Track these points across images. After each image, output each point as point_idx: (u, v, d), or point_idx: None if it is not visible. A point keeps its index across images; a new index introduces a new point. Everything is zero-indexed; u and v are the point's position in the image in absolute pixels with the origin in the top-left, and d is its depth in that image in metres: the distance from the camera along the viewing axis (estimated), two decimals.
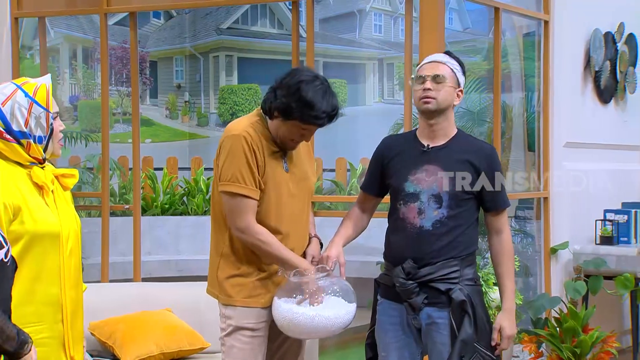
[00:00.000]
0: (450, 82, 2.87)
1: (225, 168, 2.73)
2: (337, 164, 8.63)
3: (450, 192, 2.83)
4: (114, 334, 3.80)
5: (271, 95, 2.76)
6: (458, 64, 2.91)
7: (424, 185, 2.86)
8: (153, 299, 4.07)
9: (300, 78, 2.72)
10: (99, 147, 5.21)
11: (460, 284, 2.83)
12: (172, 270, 7.31)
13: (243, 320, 2.81)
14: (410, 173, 2.89)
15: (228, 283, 2.82)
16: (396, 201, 2.93)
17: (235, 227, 2.75)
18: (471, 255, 2.90)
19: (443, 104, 2.87)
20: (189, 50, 11.92)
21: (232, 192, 2.72)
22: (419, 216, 2.86)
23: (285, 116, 2.73)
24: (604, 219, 5.30)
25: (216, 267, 2.85)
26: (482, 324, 2.83)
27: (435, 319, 2.85)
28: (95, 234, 4.79)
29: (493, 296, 3.95)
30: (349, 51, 11.57)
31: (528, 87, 5.44)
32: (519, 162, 5.40)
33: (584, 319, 4.60)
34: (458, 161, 2.85)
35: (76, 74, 10.11)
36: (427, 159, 2.88)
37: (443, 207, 2.84)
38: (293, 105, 2.70)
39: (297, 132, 2.77)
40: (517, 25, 5.41)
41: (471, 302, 2.81)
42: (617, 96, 5.70)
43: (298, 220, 2.89)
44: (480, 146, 2.92)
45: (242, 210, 2.72)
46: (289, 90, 2.71)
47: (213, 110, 11.97)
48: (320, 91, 2.71)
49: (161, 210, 7.90)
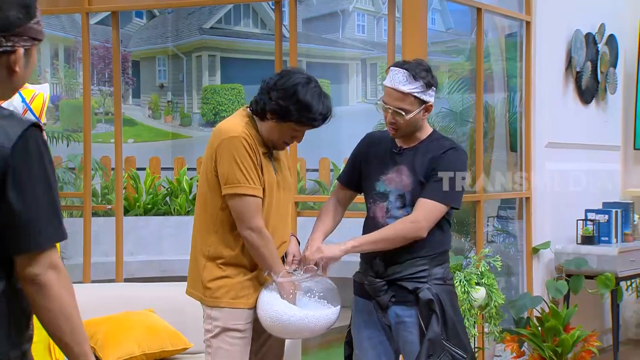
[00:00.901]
0: (413, 111, 2.82)
1: (230, 171, 2.72)
2: (320, 164, 8.64)
3: (413, 192, 2.86)
4: (95, 335, 3.78)
5: (265, 97, 2.76)
6: (424, 79, 2.80)
7: (393, 185, 2.89)
8: (135, 299, 4.05)
9: (295, 80, 2.74)
10: (80, 147, 5.19)
11: (428, 283, 2.85)
12: (154, 271, 7.28)
13: (230, 321, 2.80)
14: (383, 173, 2.93)
15: (214, 284, 2.81)
16: (368, 199, 2.97)
17: (247, 228, 2.74)
18: (441, 255, 2.91)
19: (409, 129, 2.87)
20: (171, 50, 11.88)
21: (243, 193, 2.72)
22: (386, 215, 2.90)
23: (282, 118, 2.74)
24: (585, 218, 5.34)
25: (201, 269, 2.83)
26: (451, 323, 2.84)
27: (403, 318, 2.87)
28: (77, 234, 4.76)
29: (475, 295, 3.97)
30: (332, 51, 11.58)
31: (510, 87, 5.46)
32: (501, 162, 5.43)
33: (565, 319, 4.63)
34: (422, 162, 2.86)
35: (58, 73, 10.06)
36: (398, 160, 2.91)
37: (407, 206, 2.87)
38: (291, 107, 2.72)
39: (290, 134, 2.80)
40: (499, 26, 5.43)
41: (439, 301, 2.83)
42: (598, 97, 5.73)
43: (284, 221, 2.92)
44: (442, 145, 2.89)
45: (253, 210, 2.74)
46: (286, 92, 2.73)
47: (196, 110, 11.94)
48: (316, 93, 2.75)
49: (144, 211, 7.88)
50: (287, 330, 2.78)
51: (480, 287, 4.02)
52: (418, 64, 2.85)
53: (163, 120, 11.93)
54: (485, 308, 4.09)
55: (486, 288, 4.05)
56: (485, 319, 4.19)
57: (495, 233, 5.53)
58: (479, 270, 4.07)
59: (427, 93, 2.83)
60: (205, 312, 2.86)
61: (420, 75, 2.80)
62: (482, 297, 4.02)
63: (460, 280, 3.97)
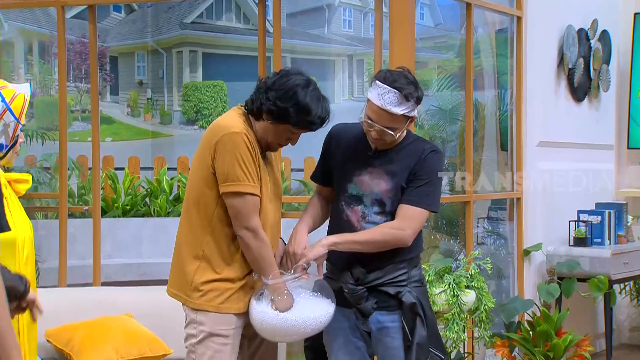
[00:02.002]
0: (401, 127, 2.81)
1: (231, 167, 2.71)
2: (305, 163, 8.63)
3: (393, 198, 2.85)
4: (71, 340, 3.76)
5: (262, 97, 2.75)
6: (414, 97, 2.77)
7: (367, 189, 2.88)
8: (113, 303, 4.04)
9: (295, 82, 2.75)
10: (56, 145, 5.15)
11: (408, 286, 2.87)
12: (133, 274, 7.25)
13: (217, 326, 2.79)
14: (355, 174, 2.91)
15: (205, 287, 2.80)
16: (340, 200, 2.94)
17: (244, 227, 2.74)
18: (417, 257, 2.95)
19: (393, 144, 2.87)
20: (151, 45, 11.84)
21: (243, 192, 2.72)
22: (362, 220, 2.89)
23: (279, 119, 2.74)
24: (578, 220, 5.36)
25: (192, 270, 2.81)
26: (432, 325, 2.89)
27: (385, 323, 2.88)
28: (52, 236, 4.74)
29: (465, 299, 3.98)
30: (317, 47, 11.58)
31: (501, 84, 5.48)
32: (492, 162, 5.44)
33: (557, 322, 4.65)
34: (402, 166, 2.86)
35: (32, 69, 10.00)
36: (373, 163, 2.90)
37: (387, 212, 2.86)
38: (290, 109, 2.72)
39: (285, 136, 2.81)
40: (489, 22, 5.45)
41: (420, 304, 2.86)
42: (591, 94, 5.76)
43: (276, 223, 2.92)
44: (421, 149, 2.88)
45: (251, 209, 2.74)
46: (285, 94, 2.73)
47: (177, 107, 11.91)
48: (315, 96, 2.76)
49: (122, 212, 7.84)
50: (278, 333, 2.79)
51: (469, 290, 4.03)
52: (406, 80, 2.79)
53: (142, 118, 11.89)
54: (475, 312, 4.10)
55: (476, 291, 4.06)
56: (475, 323, 4.20)
57: (486, 235, 5.54)
58: (468, 273, 4.08)
59: (414, 111, 2.83)
60: (189, 315, 2.84)
61: (412, 95, 2.77)
62: (472, 301, 4.03)
63: (450, 284, 3.98)
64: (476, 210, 5.11)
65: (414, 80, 2.83)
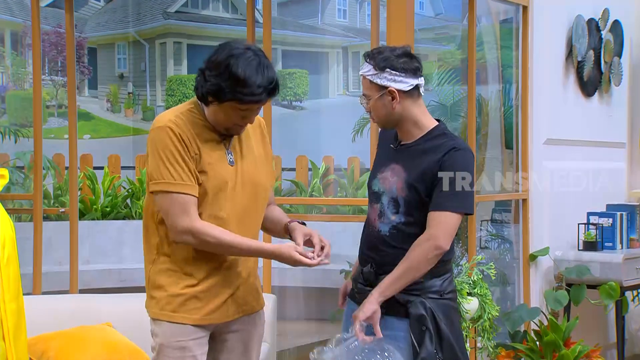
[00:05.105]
0: (373, 95, 2.87)
1: (154, 165, 2.66)
2: (297, 162, 8.64)
3: (406, 198, 2.86)
4: (46, 352, 3.76)
5: (201, 79, 2.68)
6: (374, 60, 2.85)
7: (387, 186, 2.91)
8: (92, 312, 4.04)
9: (229, 52, 2.64)
10: (30, 143, 5.15)
11: (422, 297, 2.85)
12: (113, 281, 7.25)
13: (172, 337, 2.74)
14: (380, 170, 2.95)
15: (157, 294, 2.76)
16: (368, 198, 3.01)
17: (177, 231, 2.66)
18: (440, 265, 2.88)
19: (382, 118, 2.91)
20: (132, 36, 11.84)
21: (165, 190, 2.65)
22: (379, 219, 2.92)
23: (218, 98, 2.65)
24: (587, 222, 5.37)
25: (146, 276, 2.80)
26: (447, 339, 2.85)
27: (395, 330, 2.86)
28: (26, 240, 4.73)
29: (467, 307, 3.99)
30: (310, 38, 11.60)
31: (505, 78, 5.49)
32: (496, 161, 5.46)
33: (565, 332, 4.66)
34: (418, 163, 2.86)
35: (4, 61, 9.98)
36: (395, 157, 2.93)
37: (400, 212, 2.88)
38: (223, 84, 2.62)
39: (237, 115, 2.69)
40: (493, 11, 5.47)
41: (433, 317, 2.83)
42: (602, 89, 5.78)
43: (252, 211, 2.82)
44: (443, 146, 2.88)
45: (179, 209, 2.64)
46: (218, 68, 2.63)
47: (160, 102, 11.92)
48: (253, 64, 2.63)
49: (101, 214, 7.84)
50: None
51: (472, 297, 4.04)
52: (381, 47, 2.90)
53: (123, 114, 11.89)
54: (478, 321, 4.11)
55: (479, 299, 4.07)
56: (478, 333, 4.21)
57: (489, 238, 5.56)
58: (471, 279, 4.09)
59: (382, 76, 2.85)
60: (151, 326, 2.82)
61: (371, 55, 2.86)
62: (475, 309, 4.04)
63: None
64: (479, 213, 5.13)
65: (384, 49, 2.87)
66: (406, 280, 2.81)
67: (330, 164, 8.71)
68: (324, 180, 8.67)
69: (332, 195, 8.77)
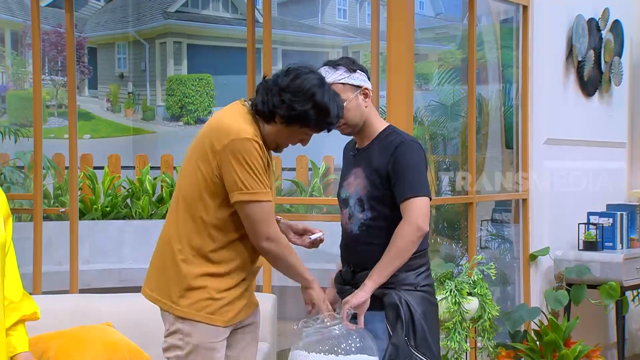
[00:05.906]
0: (348, 97, 3.00)
1: (244, 176, 2.74)
2: (297, 162, 8.65)
3: (368, 194, 3.02)
4: (46, 352, 3.77)
5: (275, 99, 2.78)
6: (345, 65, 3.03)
7: (351, 190, 3.09)
8: (91, 312, 4.04)
9: (311, 82, 2.79)
10: (30, 143, 5.15)
11: (396, 289, 2.98)
12: (113, 281, 7.26)
13: (206, 338, 2.80)
14: (344, 178, 3.15)
15: (194, 295, 2.79)
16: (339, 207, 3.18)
17: (265, 237, 2.79)
18: (412, 259, 2.99)
19: (357, 120, 3.05)
20: (132, 36, 11.84)
21: (260, 200, 2.75)
22: (349, 221, 3.08)
23: (296, 122, 2.79)
24: (588, 222, 5.38)
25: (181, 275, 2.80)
26: (420, 330, 2.96)
27: (374, 324, 2.96)
28: (26, 240, 4.74)
29: (467, 307, 3.99)
30: (310, 38, 11.60)
31: (506, 78, 5.50)
32: (496, 161, 5.46)
33: (566, 332, 4.67)
34: (374, 161, 3.02)
35: (4, 61, 9.99)
36: (355, 162, 3.11)
37: (366, 209, 3.03)
38: (310, 112, 2.77)
39: (299, 137, 2.87)
40: (493, 11, 5.47)
41: (408, 307, 2.95)
42: (602, 88, 5.78)
43: None
44: (391, 143, 3.02)
45: (269, 218, 2.79)
46: (303, 95, 2.77)
47: (160, 102, 11.92)
48: (331, 95, 2.82)
49: (101, 214, 7.85)
50: None
51: (472, 297, 4.04)
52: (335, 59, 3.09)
53: (123, 113, 11.89)
54: (478, 320, 4.11)
55: (479, 299, 4.07)
56: (478, 333, 4.21)
57: (489, 238, 5.57)
58: (471, 279, 4.10)
59: (354, 77, 3.02)
60: (172, 324, 2.83)
61: (338, 63, 3.04)
62: (475, 309, 4.04)
63: (451, 290, 4.00)
64: (479, 212, 5.13)
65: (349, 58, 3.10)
66: (394, 265, 2.95)
67: (330, 163, 8.72)
68: (324, 180, 8.68)
69: (332, 195, 8.77)
